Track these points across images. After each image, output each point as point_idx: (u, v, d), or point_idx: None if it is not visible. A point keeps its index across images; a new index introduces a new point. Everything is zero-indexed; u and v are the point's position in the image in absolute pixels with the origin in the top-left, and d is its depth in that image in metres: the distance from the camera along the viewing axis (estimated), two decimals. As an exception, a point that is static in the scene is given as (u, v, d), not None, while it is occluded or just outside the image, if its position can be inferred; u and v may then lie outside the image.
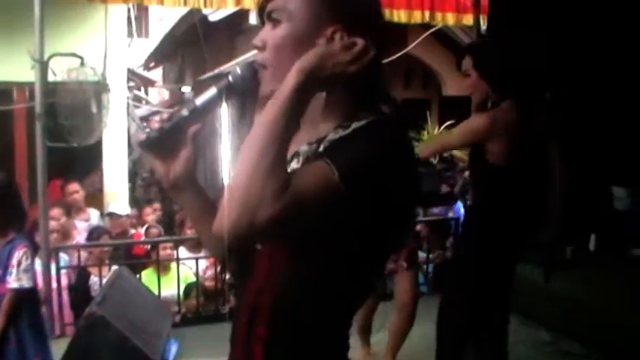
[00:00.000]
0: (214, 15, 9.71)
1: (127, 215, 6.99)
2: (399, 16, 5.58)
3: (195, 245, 5.86)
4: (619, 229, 5.46)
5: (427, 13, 5.70)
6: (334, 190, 1.10)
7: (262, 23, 1.31)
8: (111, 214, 6.86)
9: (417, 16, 5.67)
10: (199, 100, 1.29)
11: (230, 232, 1.09)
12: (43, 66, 4.36)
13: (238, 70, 1.28)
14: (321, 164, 1.12)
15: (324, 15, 1.23)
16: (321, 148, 1.22)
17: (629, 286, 4.70)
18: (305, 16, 1.24)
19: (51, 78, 4.58)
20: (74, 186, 6.55)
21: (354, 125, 1.21)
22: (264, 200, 1.06)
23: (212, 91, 1.29)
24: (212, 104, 1.30)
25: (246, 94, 1.30)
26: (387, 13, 5.41)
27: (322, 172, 1.11)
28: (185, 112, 1.29)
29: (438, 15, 5.78)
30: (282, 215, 1.07)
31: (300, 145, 1.25)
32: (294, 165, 1.23)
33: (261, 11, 1.30)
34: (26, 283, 3.35)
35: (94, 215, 6.72)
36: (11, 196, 3.47)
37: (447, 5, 5.77)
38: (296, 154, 1.25)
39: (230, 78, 1.28)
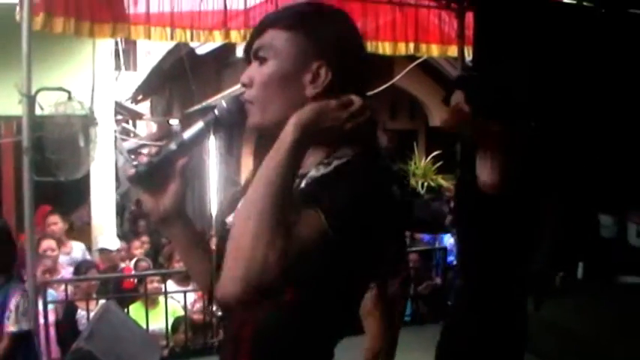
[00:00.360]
0: (201, 48, 9.76)
1: (117, 250, 6.95)
2: (384, 48, 5.65)
3: (183, 278, 5.83)
4: (606, 256, 5.48)
5: (412, 45, 5.76)
6: (323, 236, 1.12)
7: (248, 62, 1.33)
8: (102, 250, 6.81)
9: (401, 48, 5.74)
10: (187, 134, 1.31)
11: (234, 298, 1.11)
12: (30, 100, 4.34)
13: (224, 104, 1.30)
14: (312, 214, 1.13)
15: (310, 52, 1.26)
16: (302, 184, 1.23)
17: (618, 314, 4.71)
18: (291, 53, 1.26)
19: (38, 112, 4.58)
20: (54, 218, 6.44)
21: (335, 163, 1.23)
22: (268, 267, 1.08)
23: (199, 124, 1.31)
24: (199, 138, 1.31)
25: (232, 127, 1.32)
26: (372, 45, 5.47)
27: (314, 223, 1.12)
28: (173, 146, 1.31)
29: (423, 46, 5.83)
30: (284, 275, 1.09)
31: None
32: None
33: (248, 49, 1.32)
34: (25, 326, 3.40)
35: (77, 248, 6.61)
36: (2, 241, 3.50)
37: (430, 36, 5.83)
38: None
39: (216, 112, 1.30)
